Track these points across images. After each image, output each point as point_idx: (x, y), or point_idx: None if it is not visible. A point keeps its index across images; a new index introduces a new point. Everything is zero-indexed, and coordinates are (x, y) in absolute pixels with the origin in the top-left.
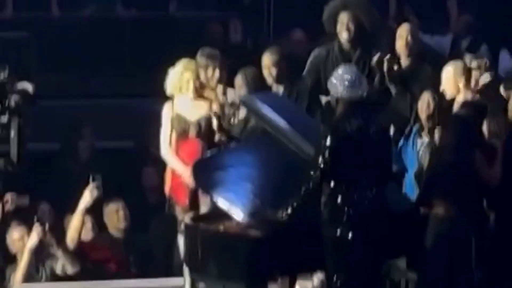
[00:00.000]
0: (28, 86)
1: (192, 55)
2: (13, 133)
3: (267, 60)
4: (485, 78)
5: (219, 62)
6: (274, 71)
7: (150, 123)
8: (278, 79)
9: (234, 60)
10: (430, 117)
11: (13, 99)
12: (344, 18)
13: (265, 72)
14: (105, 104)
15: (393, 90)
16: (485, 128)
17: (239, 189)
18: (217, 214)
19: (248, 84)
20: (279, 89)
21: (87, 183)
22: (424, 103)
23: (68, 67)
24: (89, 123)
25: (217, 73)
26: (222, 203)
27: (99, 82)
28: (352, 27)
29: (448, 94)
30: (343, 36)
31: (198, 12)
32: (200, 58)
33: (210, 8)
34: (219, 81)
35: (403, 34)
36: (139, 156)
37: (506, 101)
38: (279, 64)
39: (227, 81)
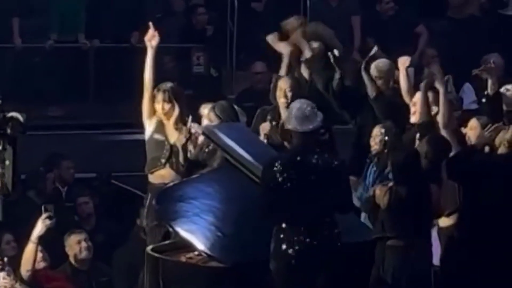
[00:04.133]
0: (18, 115)
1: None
2: (8, 161)
3: (284, 83)
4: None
5: (163, 95)
6: (289, 94)
7: (112, 154)
8: (290, 104)
9: (196, 91)
10: (379, 150)
11: (8, 128)
12: (314, 46)
13: (279, 94)
14: (67, 135)
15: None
16: None
17: (201, 221)
18: (179, 245)
19: (221, 117)
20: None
21: (40, 213)
22: (375, 137)
23: (31, 97)
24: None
25: (159, 105)
26: (184, 234)
27: (61, 112)
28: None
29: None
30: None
31: (161, 43)
32: (155, 90)
33: (173, 39)
34: (164, 114)
35: (374, 74)
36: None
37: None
38: (294, 89)
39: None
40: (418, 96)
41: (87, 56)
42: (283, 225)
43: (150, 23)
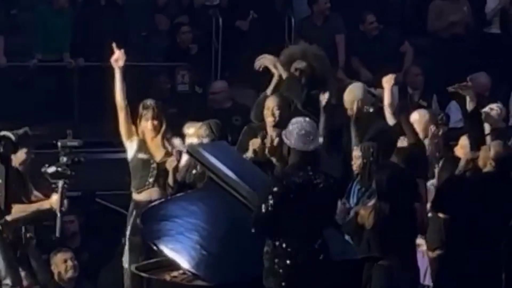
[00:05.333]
0: (10, 134)
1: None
2: (0, 180)
3: (271, 102)
4: (441, 131)
5: (152, 112)
6: (276, 112)
7: (96, 172)
8: (278, 122)
9: (181, 109)
10: (360, 171)
11: (0, 146)
12: (299, 65)
13: (267, 113)
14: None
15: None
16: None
17: (185, 239)
18: (164, 264)
19: (212, 135)
20: (274, 133)
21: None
22: (355, 159)
23: (15, 116)
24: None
25: (149, 123)
26: (169, 253)
27: (45, 131)
28: (305, 75)
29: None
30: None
31: (145, 61)
32: (140, 108)
33: (157, 57)
34: (154, 130)
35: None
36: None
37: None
38: (282, 107)
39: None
40: (414, 116)
41: (72, 75)
42: (277, 243)
43: (114, 44)
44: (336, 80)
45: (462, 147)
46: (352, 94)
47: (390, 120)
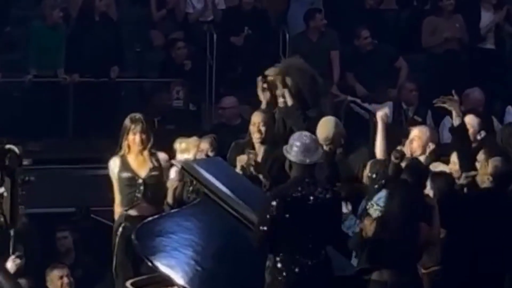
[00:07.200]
0: (15, 148)
1: None
2: (6, 193)
3: (257, 117)
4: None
5: (141, 126)
6: (263, 128)
7: (91, 188)
8: (264, 139)
9: (176, 125)
10: (369, 182)
11: (6, 159)
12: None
13: (253, 129)
14: (46, 170)
15: None
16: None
17: (180, 255)
18: (158, 279)
19: (218, 149)
20: (260, 149)
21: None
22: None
23: (10, 131)
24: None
25: (137, 136)
26: (163, 269)
27: (40, 147)
28: (291, 93)
29: (413, 154)
30: (281, 101)
31: (140, 77)
32: (127, 121)
33: (152, 73)
34: (142, 144)
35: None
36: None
37: None
38: (268, 123)
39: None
40: (415, 132)
41: (67, 90)
42: (278, 257)
43: None
44: (330, 93)
45: (455, 164)
46: (326, 129)
47: (380, 154)
